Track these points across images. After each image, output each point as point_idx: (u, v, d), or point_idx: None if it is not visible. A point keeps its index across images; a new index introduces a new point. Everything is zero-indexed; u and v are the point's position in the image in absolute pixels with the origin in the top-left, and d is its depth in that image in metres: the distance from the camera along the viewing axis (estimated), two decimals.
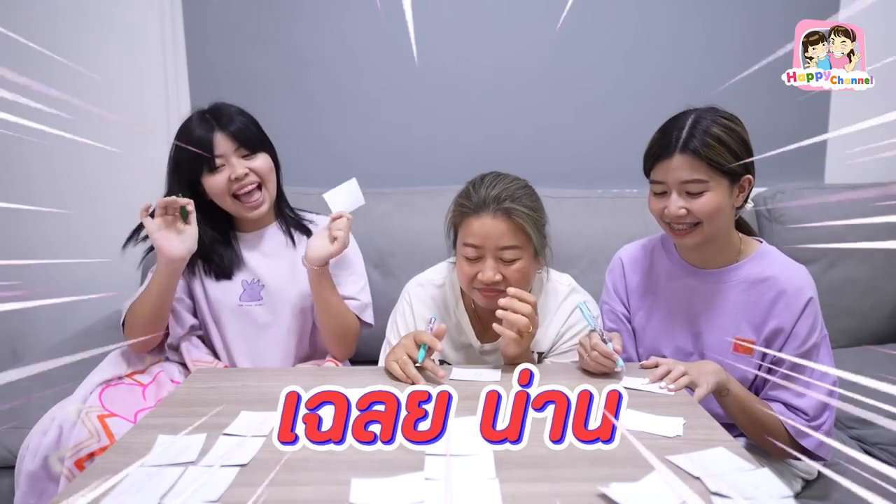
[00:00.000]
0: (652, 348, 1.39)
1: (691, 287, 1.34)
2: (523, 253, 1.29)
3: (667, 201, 1.23)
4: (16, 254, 2.24)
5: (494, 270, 1.27)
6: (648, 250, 1.43)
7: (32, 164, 2.20)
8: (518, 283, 1.27)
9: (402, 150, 2.20)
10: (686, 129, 1.21)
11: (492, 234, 1.26)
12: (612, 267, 1.47)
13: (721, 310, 1.30)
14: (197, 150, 1.43)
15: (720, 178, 1.21)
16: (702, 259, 1.33)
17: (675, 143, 1.21)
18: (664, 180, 1.23)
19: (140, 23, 2.13)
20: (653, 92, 2.21)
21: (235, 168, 1.45)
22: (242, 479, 0.87)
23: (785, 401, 1.27)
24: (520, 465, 0.88)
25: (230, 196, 1.47)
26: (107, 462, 0.94)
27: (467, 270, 1.30)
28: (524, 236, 1.28)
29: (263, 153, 1.50)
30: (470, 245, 1.28)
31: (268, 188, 1.51)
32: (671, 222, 1.25)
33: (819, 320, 1.26)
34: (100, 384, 1.36)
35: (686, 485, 0.81)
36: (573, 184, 2.16)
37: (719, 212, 1.22)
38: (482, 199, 1.28)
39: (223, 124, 1.46)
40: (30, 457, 1.24)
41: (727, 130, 1.22)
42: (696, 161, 1.19)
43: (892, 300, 2.04)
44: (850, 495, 0.48)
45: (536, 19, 2.16)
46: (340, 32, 2.16)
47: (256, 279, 1.55)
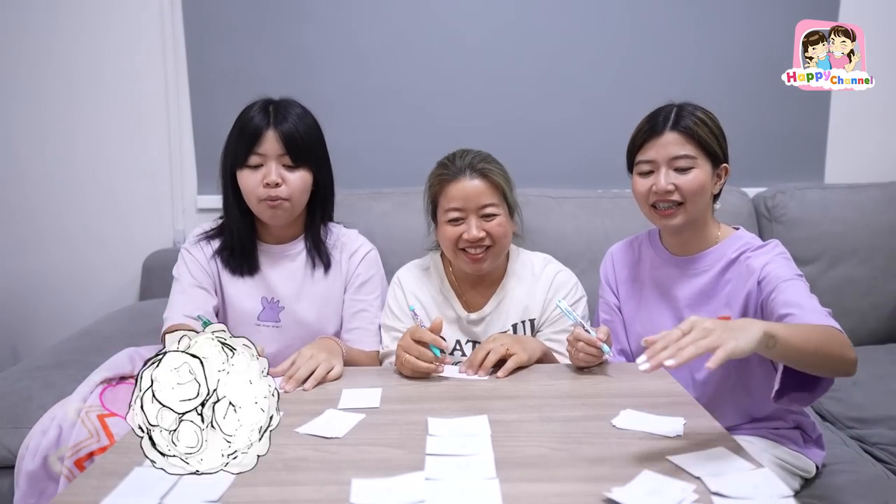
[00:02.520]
0: (640, 336, 1.40)
1: (673, 275, 1.39)
2: (500, 210, 1.42)
3: (654, 179, 1.30)
4: (15, 253, 2.24)
5: (478, 227, 1.39)
6: (636, 245, 1.50)
7: (32, 163, 2.20)
8: (499, 238, 1.41)
9: (402, 150, 2.20)
10: (674, 112, 1.31)
11: (472, 195, 1.40)
12: (605, 261, 1.54)
13: (701, 293, 1.35)
14: (244, 139, 1.40)
15: (705, 158, 1.29)
16: (682, 246, 1.38)
17: (665, 123, 1.30)
18: (654, 158, 1.30)
19: (140, 23, 2.14)
20: (653, 92, 2.18)
21: (271, 173, 1.40)
22: (242, 479, 0.86)
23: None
24: (520, 465, 0.88)
25: (257, 197, 1.42)
26: (107, 462, 0.94)
27: (451, 233, 1.42)
28: (500, 195, 1.43)
29: (305, 170, 1.44)
30: (453, 209, 1.41)
31: (293, 205, 1.44)
32: (657, 201, 1.31)
33: (790, 267, 1.24)
34: (100, 384, 1.36)
35: (686, 484, 0.82)
36: (573, 184, 2.17)
37: (703, 191, 1.29)
38: (458, 166, 1.43)
39: (278, 122, 1.41)
40: (30, 456, 1.24)
41: (711, 119, 1.32)
42: (686, 138, 1.28)
43: (892, 300, 2.04)
44: (850, 495, 0.48)
45: (537, 20, 2.17)
46: (341, 32, 2.16)
47: (276, 299, 1.51)
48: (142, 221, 2.23)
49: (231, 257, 1.50)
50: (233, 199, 1.48)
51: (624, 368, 1.30)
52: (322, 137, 1.50)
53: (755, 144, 2.20)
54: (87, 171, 2.21)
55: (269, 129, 1.40)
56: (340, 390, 1.18)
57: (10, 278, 2.25)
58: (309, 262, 1.53)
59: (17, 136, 2.19)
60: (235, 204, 1.47)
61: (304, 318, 1.51)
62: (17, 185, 2.21)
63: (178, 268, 1.52)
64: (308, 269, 1.53)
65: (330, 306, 1.53)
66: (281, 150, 1.41)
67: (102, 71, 2.16)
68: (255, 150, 1.40)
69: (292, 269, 1.52)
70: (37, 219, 2.23)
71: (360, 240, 1.59)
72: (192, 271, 1.50)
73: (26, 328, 2.29)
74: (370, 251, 1.58)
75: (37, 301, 2.27)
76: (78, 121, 2.18)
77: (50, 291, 2.26)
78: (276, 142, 1.40)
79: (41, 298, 2.26)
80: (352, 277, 1.55)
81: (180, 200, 2.23)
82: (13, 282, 2.25)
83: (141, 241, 2.20)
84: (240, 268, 1.50)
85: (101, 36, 2.14)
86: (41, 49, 2.14)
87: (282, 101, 1.46)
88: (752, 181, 2.15)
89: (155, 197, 2.23)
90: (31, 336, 2.29)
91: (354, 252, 1.56)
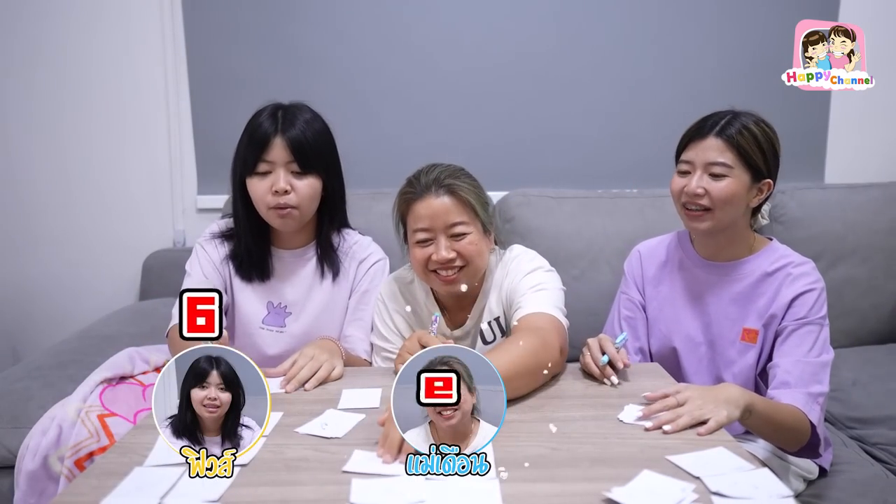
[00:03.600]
0: (663, 336, 1.42)
1: (702, 279, 1.38)
2: (472, 227, 1.33)
3: (688, 179, 1.30)
4: (15, 253, 2.24)
5: (447, 248, 1.31)
6: (665, 244, 1.49)
7: (32, 162, 2.20)
8: (472, 257, 1.32)
9: (402, 151, 2.20)
10: (726, 119, 1.30)
11: (439, 213, 1.31)
12: (630, 258, 1.52)
13: (730, 301, 1.35)
14: (253, 147, 1.39)
15: (744, 169, 1.27)
16: (714, 251, 1.37)
17: (712, 128, 1.29)
18: (692, 160, 1.30)
19: (140, 23, 2.14)
20: (653, 92, 2.21)
21: (279, 180, 1.37)
22: (242, 479, 0.87)
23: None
24: (520, 465, 0.88)
25: (266, 205, 1.40)
26: (107, 462, 0.94)
27: (420, 255, 1.33)
28: (470, 211, 1.33)
29: (314, 177, 1.42)
30: (420, 229, 1.32)
31: (302, 213, 1.42)
32: (687, 201, 1.30)
33: (820, 307, 1.29)
34: (100, 384, 1.36)
35: (686, 484, 0.82)
36: (573, 184, 2.16)
37: (733, 200, 1.27)
38: (423, 184, 1.33)
39: (286, 129, 1.38)
40: (30, 456, 1.24)
41: (763, 133, 1.29)
42: (726, 146, 1.27)
43: (892, 300, 2.04)
44: (850, 494, 0.48)
45: (537, 20, 2.17)
46: (341, 32, 2.16)
47: (284, 304, 1.51)
48: (142, 222, 2.23)
49: (241, 266, 1.49)
50: (242, 207, 1.46)
51: (624, 369, 1.30)
52: (332, 143, 1.47)
53: None
54: (87, 172, 2.21)
55: (276, 135, 1.38)
56: (340, 390, 1.18)
57: (9, 278, 2.25)
58: (318, 269, 1.52)
59: (17, 137, 2.19)
60: (245, 211, 1.46)
61: (309, 324, 1.50)
62: (16, 185, 2.21)
63: (192, 264, 1.50)
64: (317, 276, 1.52)
65: (335, 314, 1.52)
66: (289, 157, 1.38)
67: (102, 71, 2.16)
68: (264, 157, 1.38)
69: (302, 275, 1.51)
70: (37, 219, 2.23)
71: (370, 248, 1.56)
72: (204, 269, 1.48)
73: (26, 328, 2.29)
74: (378, 261, 1.55)
75: (37, 301, 2.27)
76: (78, 121, 2.18)
77: (50, 291, 2.26)
78: (283, 149, 1.38)
79: (41, 298, 2.26)
80: (356, 285, 1.54)
81: (180, 200, 2.23)
82: (13, 282, 2.25)
83: (141, 242, 2.20)
84: (250, 275, 1.49)
85: (101, 36, 2.14)
86: (41, 49, 2.14)
87: (290, 107, 1.44)
88: None
89: (155, 197, 2.23)
90: (31, 336, 2.29)
91: (363, 261, 1.54)
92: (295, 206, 1.40)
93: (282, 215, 1.40)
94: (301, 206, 1.41)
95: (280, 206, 1.39)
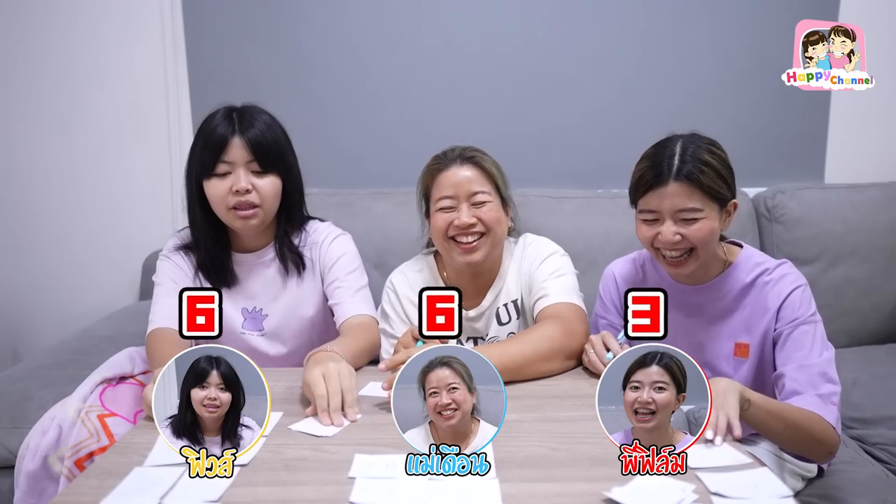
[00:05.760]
0: None
1: (685, 302, 1.34)
2: (493, 198, 1.40)
3: (658, 228, 1.24)
4: (15, 253, 2.24)
5: (469, 214, 1.37)
6: (638, 264, 1.44)
7: (32, 163, 2.20)
8: (492, 225, 1.38)
9: (402, 150, 2.20)
10: (677, 156, 1.22)
11: (463, 182, 1.39)
12: (605, 280, 1.47)
13: (717, 319, 1.33)
14: (210, 148, 1.37)
15: (713, 204, 1.22)
16: (691, 277, 1.33)
17: (669, 171, 1.21)
18: (658, 209, 1.23)
19: (140, 23, 2.13)
20: (653, 92, 2.21)
21: (240, 180, 1.37)
22: (242, 479, 0.87)
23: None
24: (520, 465, 0.89)
25: (226, 206, 1.39)
26: (107, 462, 0.94)
27: (442, 221, 1.39)
28: (492, 183, 1.41)
29: (275, 175, 1.42)
30: (444, 196, 1.39)
31: (265, 211, 1.42)
32: (664, 249, 1.25)
33: (808, 304, 1.27)
34: (100, 384, 1.36)
35: (686, 484, 0.82)
36: (573, 184, 2.17)
37: (711, 238, 1.23)
38: (448, 157, 1.43)
39: (244, 129, 1.38)
40: (30, 456, 1.24)
41: (719, 159, 1.24)
42: (691, 188, 1.20)
43: (892, 300, 2.04)
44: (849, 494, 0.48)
45: (537, 20, 2.17)
46: (341, 32, 2.16)
47: (259, 308, 1.50)
48: (141, 222, 2.23)
49: (208, 274, 1.48)
50: (201, 212, 1.44)
51: None
52: (289, 142, 1.47)
53: (755, 144, 2.20)
54: (87, 171, 2.21)
55: (234, 136, 1.37)
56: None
57: (9, 278, 2.25)
58: (282, 267, 1.50)
59: (17, 137, 2.19)
60: (204, 216, 1.44)
61: (287, 323, 1.50)
62: (16, 185, 2.21)
63: (160, 275, 1.47)
64: (282, 275, 1.50)
65: (310, 309, 1.52)
66: (249, 157, 1.38)
67: (102, 71, 2.16)
68: (222, 158, 1.37)
69: (268, 276, 1.50)
70: (36, 219, 2.23)
71: (327, 230, 1.55)
72: (175, 278, 1.46)
73: (26, 328, 2.29)
74: (337, 237, 1.53)
75: (37, 301, 2.27)
76: (77, 121, 2.18)
77: (50, 292, 2.26)
78: (243, 148, 1.37)
79: (41, 299, 2.26)
80: (324, 267, 1.52)
81: (180, 201, 2.22)
82: (13, 282, 2.25)
83: (141, 242, 2.20)
84: (217, 282, 1.48)
85: (101, 36, 2.14)
86: (40, 49, 2.14)
87: (246, 108, 1.43)
88: (753, 181, 2.15)
89: (155, 197, 2.23)
90: (31, 336, 2.29)
91: (321, 243, 1.52)
92: (258, 204, 1.40)
93: (244, 216, 1.39)
94: (264, 204, 1.41)
95: (241, 205, 1.38)
